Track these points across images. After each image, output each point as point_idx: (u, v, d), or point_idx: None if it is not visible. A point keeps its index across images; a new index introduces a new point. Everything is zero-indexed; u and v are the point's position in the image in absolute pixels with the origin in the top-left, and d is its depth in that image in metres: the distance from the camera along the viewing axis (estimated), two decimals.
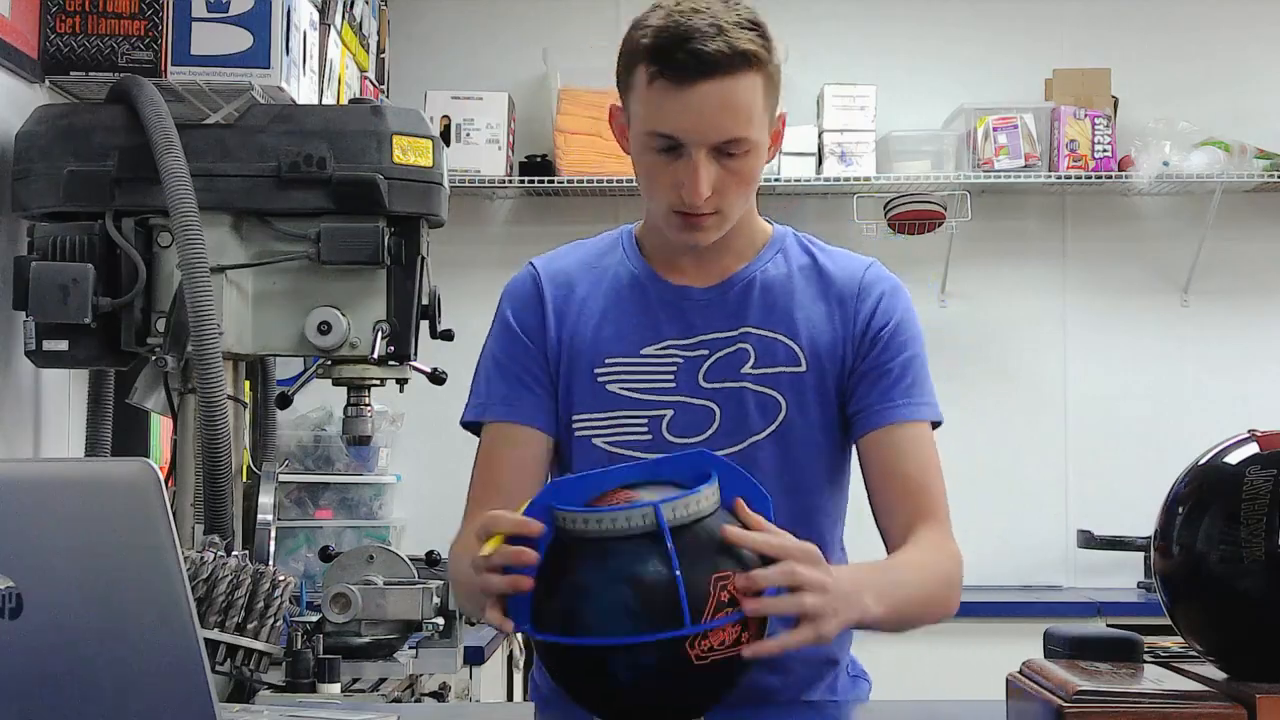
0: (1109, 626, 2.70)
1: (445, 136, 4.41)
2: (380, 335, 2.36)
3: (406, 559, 2.47)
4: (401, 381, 2.48)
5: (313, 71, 2.97)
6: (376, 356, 2.36)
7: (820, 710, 1.85)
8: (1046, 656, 1.61)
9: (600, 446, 1.84)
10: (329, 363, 2.41)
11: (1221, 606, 1.45)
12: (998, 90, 4.62)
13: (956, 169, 4.50)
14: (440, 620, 2.40)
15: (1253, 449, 1.47)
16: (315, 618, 2.33)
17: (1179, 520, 1.48)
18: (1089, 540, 4.49)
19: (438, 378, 2.46)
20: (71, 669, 1.21)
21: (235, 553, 1.91)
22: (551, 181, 4.45)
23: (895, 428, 1.85)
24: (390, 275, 2.39)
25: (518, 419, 1.87)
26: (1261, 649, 1.43)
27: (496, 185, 4.52)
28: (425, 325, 2.46)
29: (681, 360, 1.85)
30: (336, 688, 2.22)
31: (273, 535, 2.41)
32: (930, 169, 4.50)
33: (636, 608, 1.44)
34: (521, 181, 4.51)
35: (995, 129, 4.47)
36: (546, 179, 4.46)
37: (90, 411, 2.53)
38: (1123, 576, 4.53)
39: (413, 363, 2.44)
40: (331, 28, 3.21)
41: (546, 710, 1.82)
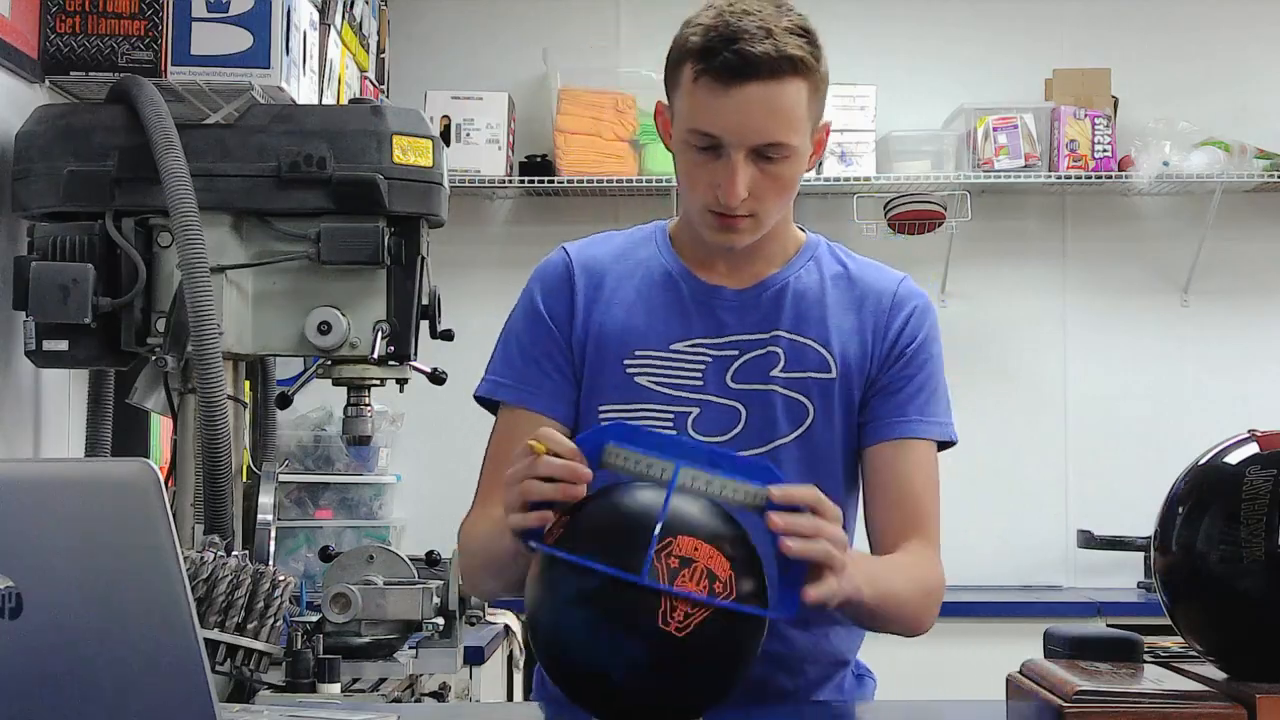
0: (1109, 626, 2.70)
1: (445, 136, 4.41)
2: (380, 335, 2.36)
3: (406, 559, 2.47)
4: (401, 381, 2.48)
5: (313, 71, 2.97)
6: (376, 356, 2.36)
7: (821, 710, 1.84)
8: (1046, 656, 1.60)
9: None
10: (329, 363, 2.41)
11: (1221, 606, 1.45)
12: (998, 90, 4.62)
13: (956, 169, 4.50)
14: (440, 620, 2.40)
15: (1253, 449, 1.47)
16: (315, 618, 2.33)
17: (1179, 520, 1.48)
18: (1089, 540, 4.48)
19: (438, 378, 2.46)
20: (71, 669, 1.21)
21: (235, 553, 1.91)
22: (551, 181, 4.45)
23: (901, 442, 1.85)
24: (390, 275, 2.39)
25: (535, 406, 1.87)
26: (1261, 649, 1.43)
27: (496, 185, 4.52)
28: (425, 325, 2.45)
29: (710, 359, 1.85)
30: (336, 688, 2.22)
31: (273, 535, 2.41)
32: (930, 169, 4.50)
33: (612, 543, 1.44)
34: (521, 181, 4.51)
35: (995, 129, 4.47)
36: (546, 179, 4.46)
37: (90, 411, 2.53)
38: (1123, 576, 4.53)
39: (413, 363, 2.44)
40: (331, 28, 3.21)
41: (552, 708, 1.81)
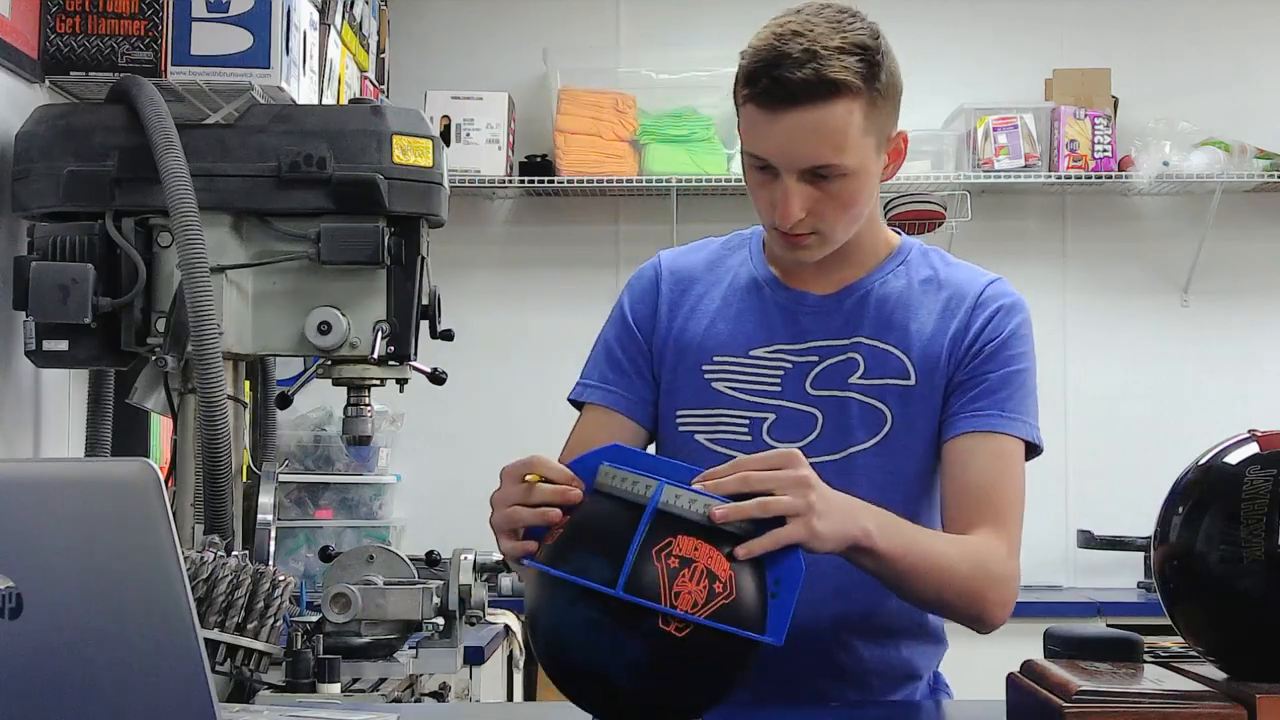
0: (1109, 626, 2.70)
1: (445, 136, 4.41)
2: (380, 335, 2.36)
3: (406, 559, 2.47)
4: (401, 381, 2.48)
5: (313, 71, 2.97)
6: (376, 356, 2.36)
7: (821, 710, 1.84)
8: (1046, 656, 1.60)
9: (702, 443, 1.85)
10: (329, 363, 2.41)
11: (1221, 606, 1.45)
12: (998, 90, 4.62)
13: (956, 169, 4.50)
14: (440, 620, 2.40)
15: (1253, 449, 1.47)
16: (315, 618, 2.33)
17: (1179, 520, 1.47)
18: (1089, 540, 4.49)
19: (438, 378, 2.45)
20: (72, 669, 1.21)
21: (235, 553, 1.91)
22: (551, 181, 4.45)
23: (977, 435, 1.80)
24: (390, 275, 2.39)
25: (616, 406, 1.90)
26: (1261, 649, 1.43)
27: (496, 185, 4.52)
28: (425, 325, 2.45)
29: (790, 365, 1.85)
30: (336, 688, 2.22)
31: (273, 535, 2.41)
32: (930, 169, 4.50)
33: (600, 564, 1.43)
34: (521, 181, 4.51)
35: (995, 129, 4.47)
36: (546, 179, 4.46)
37: (90, 411, 2.53)
38: (1123, 576, 4.53)
39: (413, 363, 2.44)
40: (331, 28, 3.21)
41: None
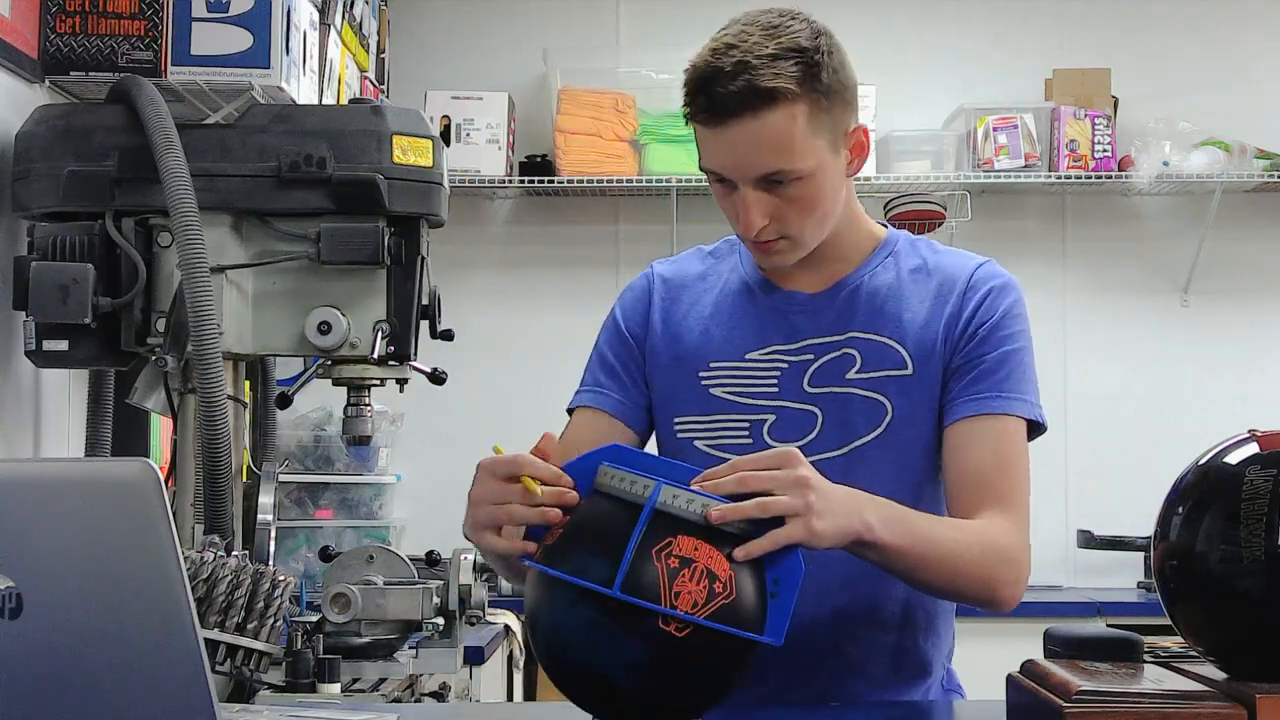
0: (1109, 626, 2.70)
1: (445, 136, 4.41)
2: (380, 335, 2.36)
3: (406, 559, 2.47)
4: (401, 381, 2.48)
5: (313, 71, 2.97)
6: (376, 356, 2.36)
7: (821, 710, 1.84)
8: (1046, 656, 1.60)
9: (701, 449, 1.85)
10: (329, 363, 2.41)
11: (1221, 606, 1.44)
12: (998, 90, 4.62)
13: (956, 169, 4.50)
14: (440, 620, 2.40)
15: (1253, 449, 1.47)
16: (315, 618, 2.33)
17: (1179, 520, 1.47)
18: (1089, 540, 4.49)
19: (438, 378, 2.46)
20: (72, 669, 1.21)
21: (235, 553, 1.91)
22: (551, 181, 4.45)
23: (977, 419, 1.80)
24: (390, 275, 2.39)
25: (606, 408, 1.91)
26: (1261, 649, 1.43)
27: (496, 185, 4.52)
28: (425, 325, 2.45)
29: (786, 365, 1.85)
30: (336, 688, 2.22)
31: (273, 535, 2.41)
32: (930, 169, 4.50)
33: (599, 564, 1.43)
34: (521, 181, 4.51)
35: (995, 129, 4.47)
36: (546, 179, 4.46)
37: (90, 411, 2.53)
38: (1123, 576, 4.53)
39: (413, 363, 2.44)
40: (331, 28, 3.21)
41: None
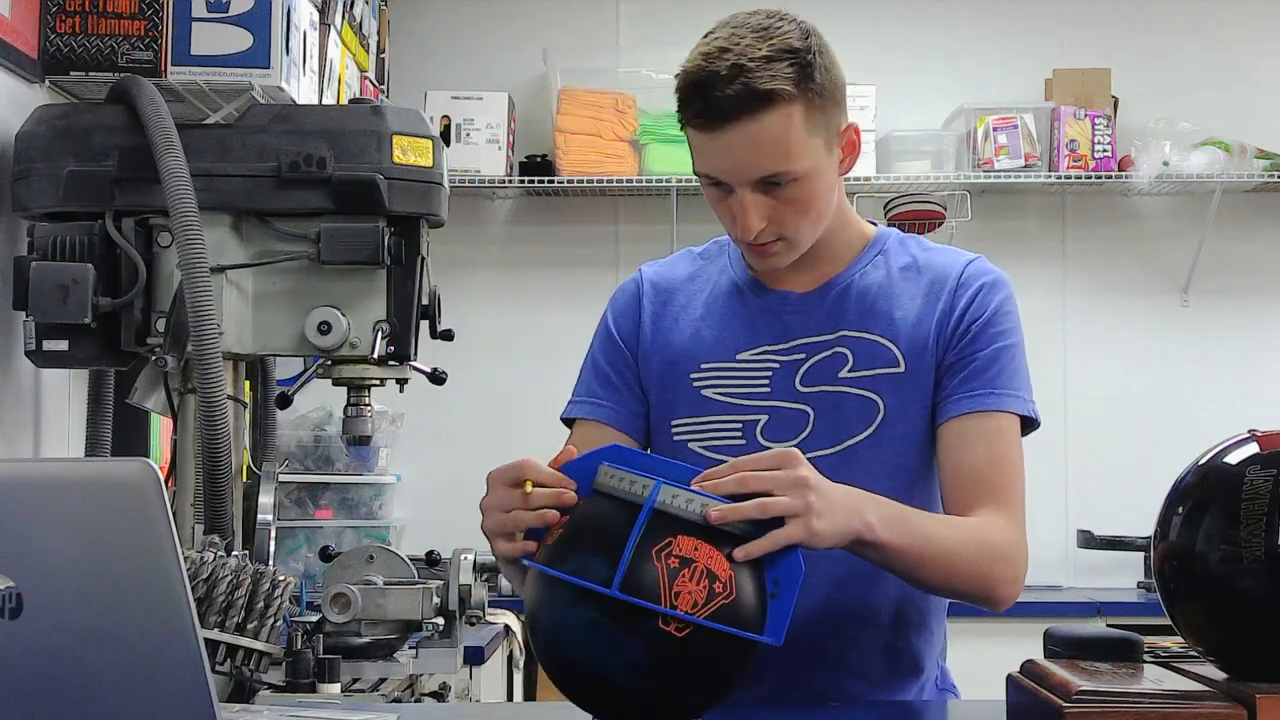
0: (1109, 626, 2.70)
1: (445, 136, 4.41)
2: (380, 335, 2.36)
3: (406, 559, 2.47)
4: (401, 381, 2.48)
5: (313, 71, 2.97)
6: (376, 356, 2.36)
7: (820, 710, 1.84)
8: (1046, 656, 1.60)
9: (696, 450, 1.86)
10: (329, 363, 2.41)
11: (1221, 606, 1.44)
12: (998, 90, 4.62)
13: (956, 169, 4.50)
14: (440, 620, 2.40)
15: (1253, 449, 1.47)
16: (315, 618, 2.33)
17: (1179, 520, 1.47)
18: (1089, 540, 4.49)
19: (438, 378, 2.46)
20: (71, 669, 1.21)
21: (235, 553, 1.91)
22: (551, 181, 4.45)
23: (971, 416, 1.79)
24: (390, 275, 2.39)
25: (606, 420, 1.91)
26: (1261, 649, 1.43)
27: (496, 185, 4.52)
28: (425, 325, 2.45)
29: (778, 365, 1.85)
30: (336, 688, 2.22)
31: (273, 535, 2.41)
32: (930, 169, 4.50)
33: (599, 564, 1.43)
34: (521, 181, 4.51)
35: (995, 129, 4.47)
36: (546, 179, 4.46)
37: (90, 411, 2.53)
38: (1123, 576, 4.53)
39: (413, 363, 2.44)
40: (331, 28, 3.21)
41: None
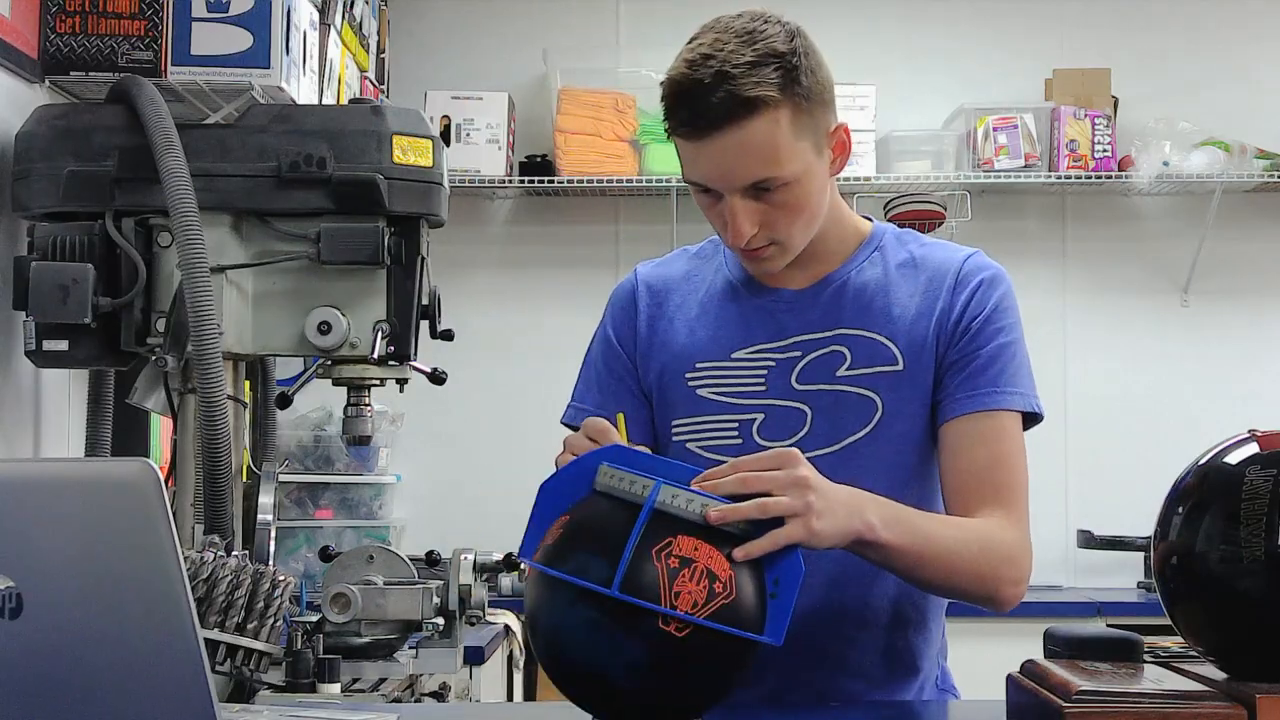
0: (1109, 626, 2.70)
1: (445, 136, 4.41)
2: (380, 335, 2.36)
3: (406, 559, 2.47)
4: (401, 381, 2.48)
5: (313, 71, 2.97)
6: (376, 356, 2.36)
7: (820, 710, 1.84)
8: (1046, 656, 1.60)
9: (694, 450, 1.85)
10: (329, 363, 2.41)
11: (1221, 606, 1.44)
12: (998, 90, 4.62)
13: (956, 169, 4.50)
14: (440, 620, 2.40)
15: (1253, 449, 1.47)
16: (315, 618, 2.33)
17: (1179, 520, 1.47)
18: (1089, 540, 4.49)
19: (438, 378, 2.46)
20: (71, 669, 1.21)
21: (235, 553, 1.91)
22: (551, 181, 4.45)
23: (973, 416, 1.78)
24: (390, 275, 2.39)
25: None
26: (1261, 649, 1.43)
27: (496, 185, 4.52)
28: (425, 325, 2.45)
29: (774, 363, 1.84)
30: (336, 688, 2.22)
31: (273, 535, 2.40)
32: (930, 169, 4.50)
33: (599, 564, 1.43)
34: (521, 181, 4.51)
35: (995, 129, 4.47)
36: (546, 179, 4.46)
37: (90, 411, 2.53)
38: (1123, 576, 4.53)
39: (413, 363, 2.44)
40: (331, 28, 3.21)
41: None
